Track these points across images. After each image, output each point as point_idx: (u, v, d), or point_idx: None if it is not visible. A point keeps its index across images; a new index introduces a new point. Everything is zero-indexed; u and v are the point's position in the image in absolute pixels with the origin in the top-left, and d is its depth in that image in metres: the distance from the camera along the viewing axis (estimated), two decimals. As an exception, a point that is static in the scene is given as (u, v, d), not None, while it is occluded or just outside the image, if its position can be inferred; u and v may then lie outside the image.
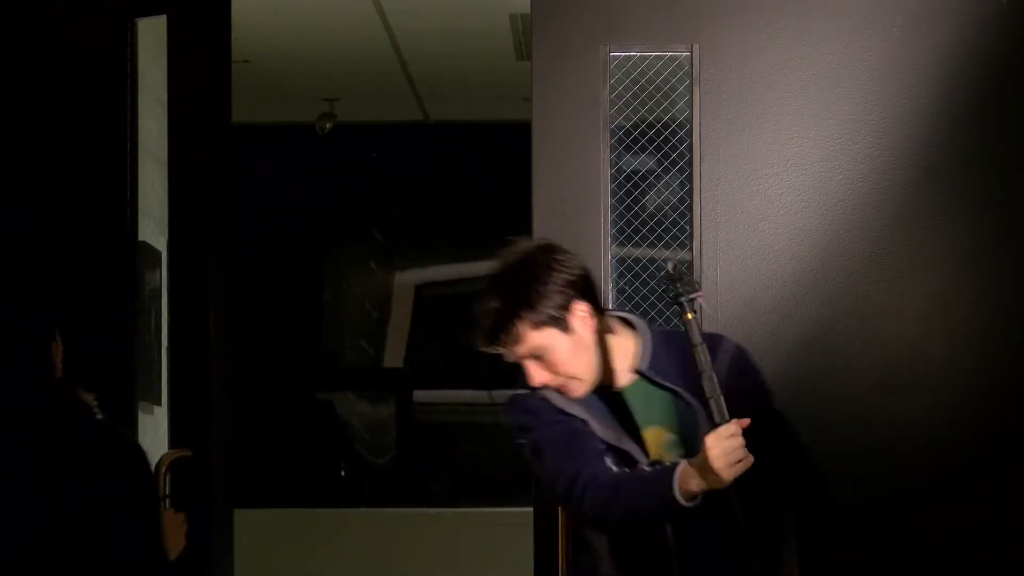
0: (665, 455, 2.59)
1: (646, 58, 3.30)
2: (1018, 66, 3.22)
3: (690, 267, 2.58)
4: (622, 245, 3.29)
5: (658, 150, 3.27)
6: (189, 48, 3.30)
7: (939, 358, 3.19)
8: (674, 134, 3.26)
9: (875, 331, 3.18)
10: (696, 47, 3.26)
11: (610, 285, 3.20)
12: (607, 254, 3.24)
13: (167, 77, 3.34)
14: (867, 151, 3.23)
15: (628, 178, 3.28)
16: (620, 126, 3.30)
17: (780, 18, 3.26)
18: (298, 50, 6.75)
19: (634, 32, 3.28)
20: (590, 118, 3.25)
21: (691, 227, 3.19)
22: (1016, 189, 3.21)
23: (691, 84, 3.25)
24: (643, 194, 3.15)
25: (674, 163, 3.23)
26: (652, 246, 3.10)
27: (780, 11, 3.26)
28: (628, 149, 3.28)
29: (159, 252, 3.40)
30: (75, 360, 2.70)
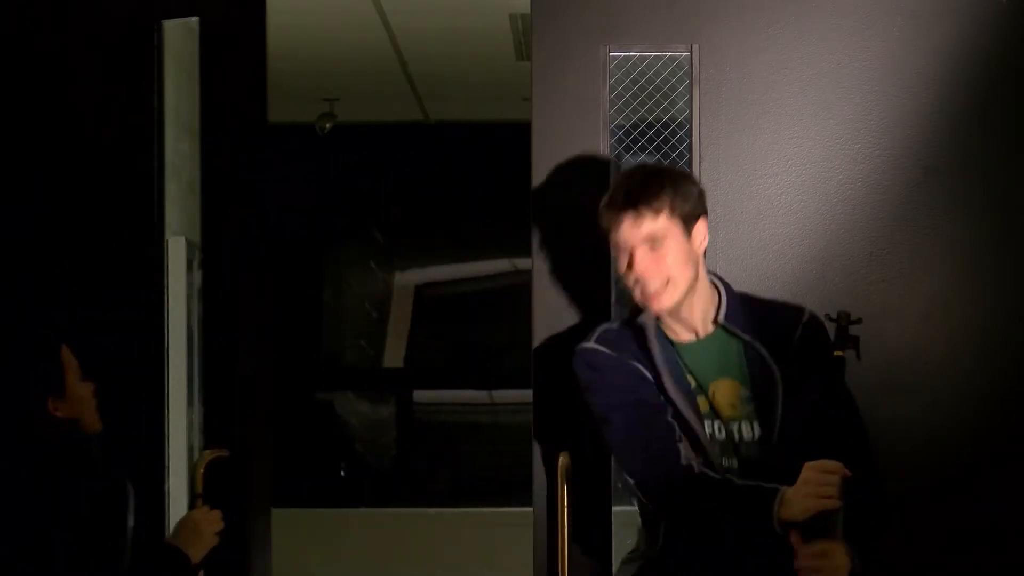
0: (738, 408, 2.67)
1: (646, 58, 3.30)
2: (1018, 66, 3.22)
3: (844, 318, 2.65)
4: (622, 245, 3.28)
5: (658, 150, 3.27)
6: (223, 50, 3.28)
7: (939, 358, 3.19)
8: (674, 134, 3.26)
9: (875, 331, 3.17)
10: (696, 47, 3.26)
11: (611, 285, 3.20)
12: (607, 254, 3.24)
13: (199, 80, 3.30)
14: (867, 151, 3.23)
15: (628, 178, 3.27)
16: (620, 126, 3.30)
17: (780, 18, 3.26)
18: (298, 50, 6.75)
19: (634, 32, 3.28)
20: (590, 118, 3.25)
21: (691, 227, 3.19)
22: (1016, 189, 3.21)
23: (691, 84, 3.25)
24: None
25: (674, 163, 3.23)
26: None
27: (780, 11, 3.26)
28: (628, 149, 3.28)
29: (192, 248, 3.36)
30: (101, 361, 2.72)
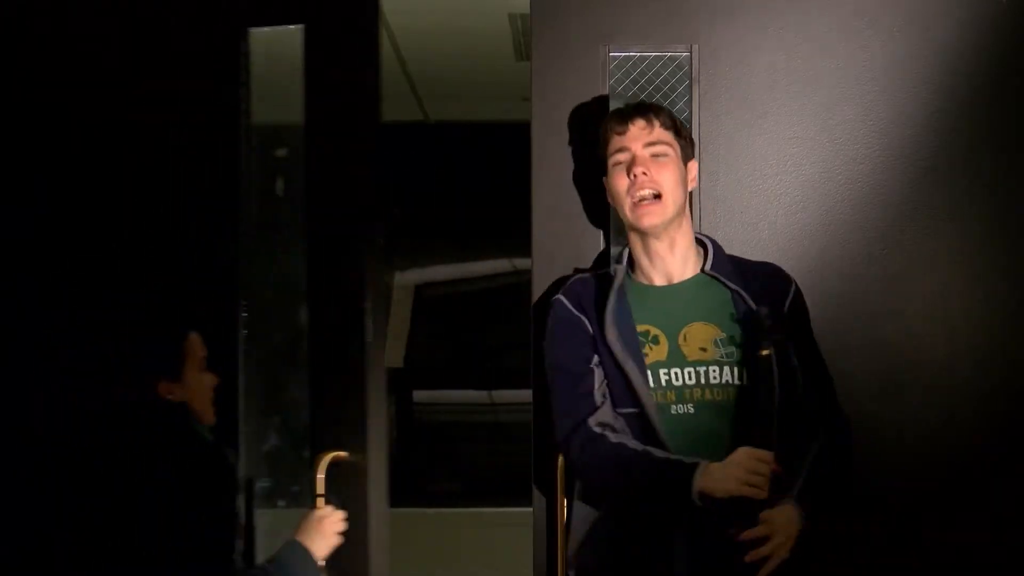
0: (710, 351, 2.75)
1: (646, 58, 3.30)
2: (1018, 66, 3.22)
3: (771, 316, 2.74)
4: (622, 245, 3.29)
5: (658, 150, 3.26)
6: (331, 59, 3.28)
7: (939, 358, 3.19)
8: (674, 134, 3.26)
9: (875, 331, 3.18)
10: (696, 47, 3.26)
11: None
12: (607, 254, 3.24)
13: (304, 85, 3.29)
14: (867, 151, 3.23)
15: (628, 178, 3.27)
16: (620, 126, 3.29)
17: (780, 18, 3.26)
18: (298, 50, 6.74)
19: (634, 32, 3.28)
20: (590, 118, 3.25)
21: (691, 227, 3.19)
22: (1016, 189, 3.21)
23: (691, 84, 3.25)
24: (643, 194, 3.14)
25: (674, 163, 3.23)
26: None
27: (780, 11, 3.26)
28: (628, 149, 3.28)
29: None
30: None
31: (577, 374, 2.81)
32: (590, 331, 2.83)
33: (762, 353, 2.67)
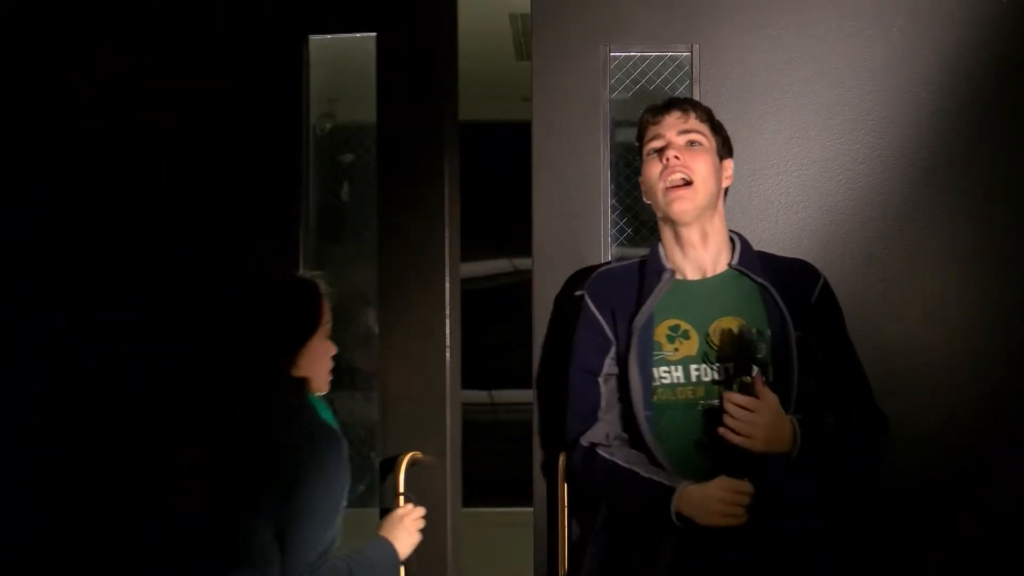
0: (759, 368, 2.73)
1: (646, 58, 3.30)
2: (1018, 66, 3.22)
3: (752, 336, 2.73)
4: (622, 245, 3.29)
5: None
6: (405, 62, 3.30)
7: (939, 358, 3.19)
8: (674, 134, 3.26)
9: (875, 331, 3.18)
10: (696, 47, 3.26)
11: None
12: (607, 254, 3.24)
13: (377, 91, 3.32)
14: (867, 151, 3.23)
15: (628, 178, 3.28)
16: (620, 126, 3.30)
17: (780, 18, 3.26)
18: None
19: (634, 32, 3.28)
20: (590, 118, 3.25)
21: (691, 227, 3.19)
22: (1016, 189, 3.21)
23: (691, 84, 3.25)
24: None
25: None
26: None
27: (780, 10, 3.26)
28: (628, 149, 3.28)
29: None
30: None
31: (582, 391, 2.85)
32: (607, 333, 2.83)
33: (744, 379, 2.65)
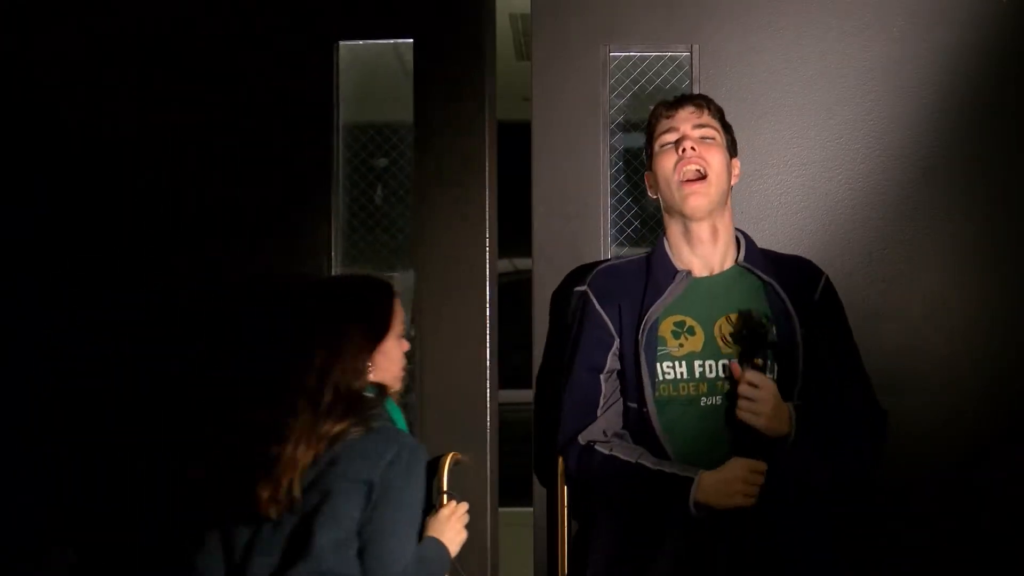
0: (771, 352, 2.73)
1: (646, 58, 3.30)
2: (1018, 66, 3.22)
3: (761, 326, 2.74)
4: (622, 245, 3.29)
5: (658, 150, 3.26)
6: (442, 67, 3.29)
7: (939, 358, 3.19)
8: (674, 134, 3.25)
9: (875, 331, 3.18)
10: (696, 47, 3.26)
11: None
12: (607, 254, 3.24)
13: (414, 95, 3.32)
14: (867, 151, 3.23)
15: (628, 178, 3.28)
16: (620, 126, 3.30)
17: (780, 18, 3.26)
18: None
19: (634, 32, 3.28)
20: (590, 118, 3.25)
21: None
22: (1016, 189, 3.21)
23: (691, 84, 3.25)
24: (643, 194, 3.14)
25: (674, 163, 3.22)
26: (652, 246, 3.09)
27: (780, 11, 3.26)
28: (628, 149, 3.28)
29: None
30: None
31: (584, 387, 2.84)
32: (611, 329, 2.84)
33: (756, 361, 2.67)
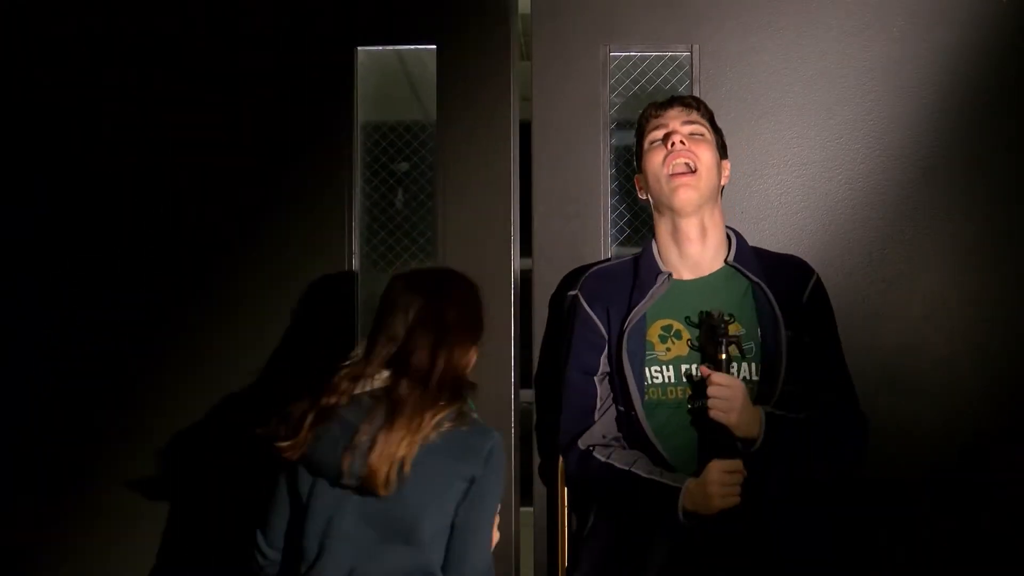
0: (739, 341, 2.73)
1: (646, 58, 3.30)
2: (1018, 66, 3.22)
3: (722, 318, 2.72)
4: (622, 245, 3.29)
5: (658, 150, 3.26)
6: (464, 73, 3.32)
7: (939, 358, 3.19)
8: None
9: (875, 331, 3.18)
10: (696, 47, 3.26)
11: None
12: (607, 254, 3.24)
13: (437, 101, 3.38)
14: (867, 151, 3.23)
15: (628, 178, 3.28)
16: (620, 126, 3.30)
17: (780, 18, 3.26)
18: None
19: (634, 32, 3.28)
20: (590, 118, 3.25)
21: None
22: (1016, 189, 3.21)
23: (691, 84, 3.25)
24: (643, 194, 3.14)
25: (674, 163, 3.22)
26: (652, 246, 3.10)
27: (780, 11, 3.26)
28: (628, 149, 3.28)
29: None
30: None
31: (579, 390, 2.85)
32: (602, 332, 2.84)
33: (719, 357, 2.66)
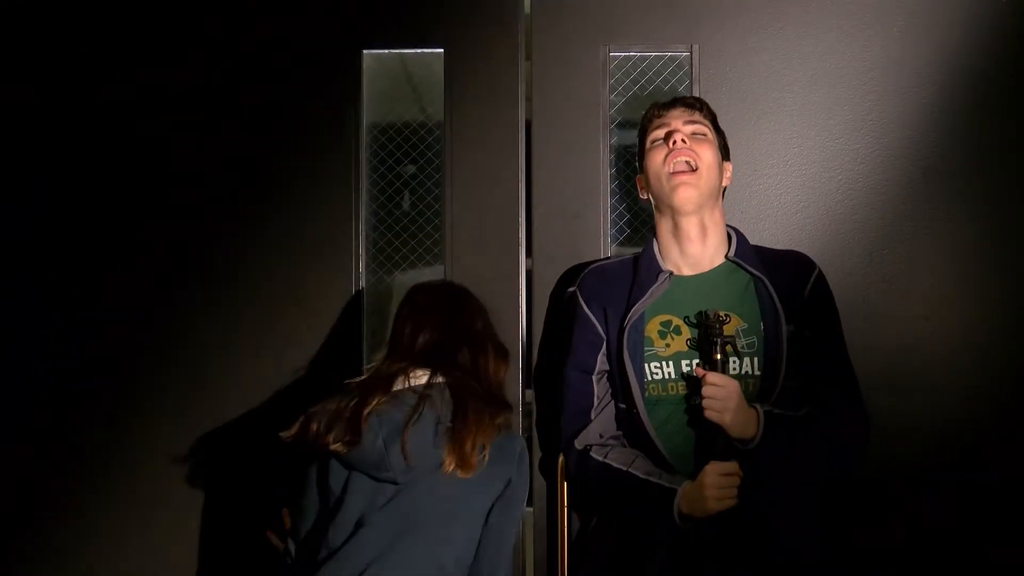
0: (735, 341, 2.74)
1: (646, 58, 3.30)
2: (1018, 66, 3.22)
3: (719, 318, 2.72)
4: (622, 244, 3.29)
5: (658, 150, 3.26)
6: (471, 76, 3.34)
7: (939, 358, 3.19)
8: (674, 134, 3.25)
9: (875, 331, 3.18)
10: (696, 47, 3.26)
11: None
12: (607, 254, 3.24)
13: (444, 101, 3.42)
14: (867, 151, 3.23)
15: (628, 178, 3.28)
16: (620, 126, 3.30)
17: (780, 18, 3.26)
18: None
19: (634, 32, 3.28)
20: (590, 118, 3.25)
21: (691, 227, 3.19)
22: (1016, 189, 3.21)
23: (691, 84, 3.25)
24: (643, 194, 3.14)
25: (674, 163, 3.23)
26: (652, 246, 3.10)
27: (780, 11, 3.26)
28: (628, 149, 3.28)
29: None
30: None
31: (577, 389, 2.86)
32: (599, 330, 2.84)
33: (715, 357, 2.67)
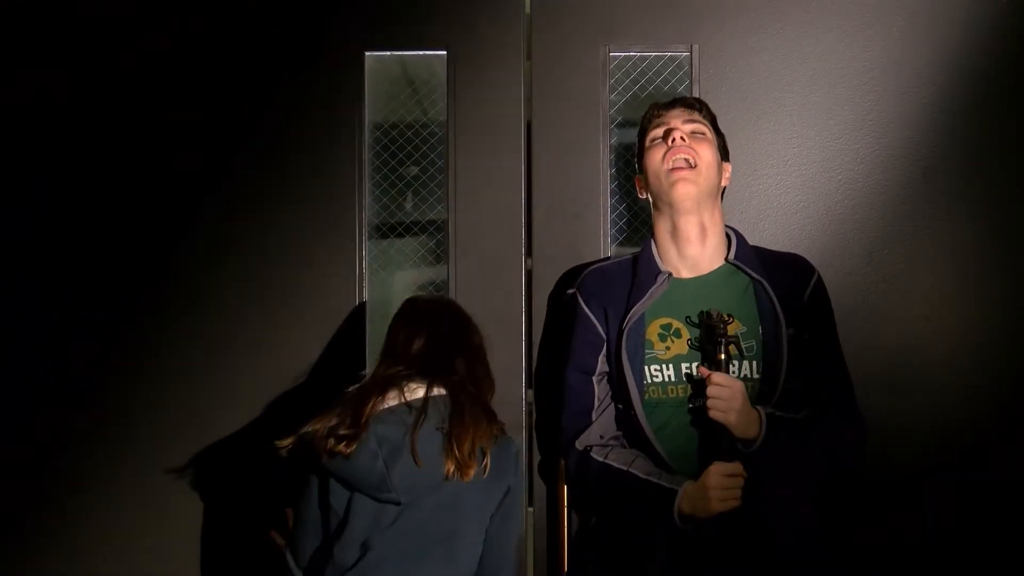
0: (739, 341, 2.73)
1: (646, 58, 3.30)
2: (1018, 66, 3.22)
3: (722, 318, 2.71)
4: (622, 245, 3.29)
5: (658, 150, 3.26)
6: (474, 76, 3.34)
7: (939, 358, 3.19)
8: (674, 134, 3.25)
9: (875, 331, 3.18)
10: (696, 47, 3.26)
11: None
12: (607, 254, 3.24)
13: (448, 101, 3.41)
14: (867, 151, 3.23)
15: (628, 178, 3.28)
16: (620, 126, 3.30)
17: (780, 18, 3.26)
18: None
19: (634, 32, 3.28)
20: (590, 118, 3.25)
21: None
22: (1016, 189, 3.21)
23: (691, 84, 3.25)
24: (643, 194, 3.14)
25: (674, 163, 3.23)
26: (652, 246, 3.09)
27: (780, 11, 3.26)
28: (628, 149, 3.28)
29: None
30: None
31: (578, 391, 2.85)
32: (599, 331, 2.84)
33: (718, 357, 2.66)
